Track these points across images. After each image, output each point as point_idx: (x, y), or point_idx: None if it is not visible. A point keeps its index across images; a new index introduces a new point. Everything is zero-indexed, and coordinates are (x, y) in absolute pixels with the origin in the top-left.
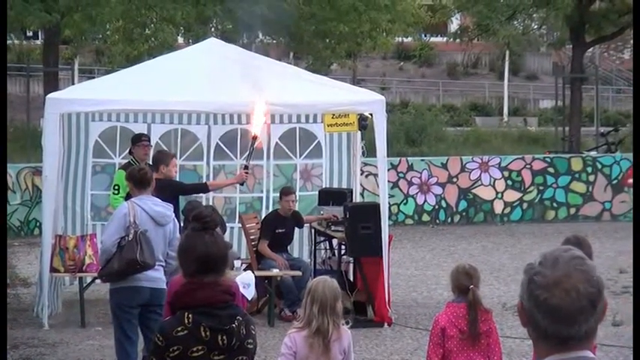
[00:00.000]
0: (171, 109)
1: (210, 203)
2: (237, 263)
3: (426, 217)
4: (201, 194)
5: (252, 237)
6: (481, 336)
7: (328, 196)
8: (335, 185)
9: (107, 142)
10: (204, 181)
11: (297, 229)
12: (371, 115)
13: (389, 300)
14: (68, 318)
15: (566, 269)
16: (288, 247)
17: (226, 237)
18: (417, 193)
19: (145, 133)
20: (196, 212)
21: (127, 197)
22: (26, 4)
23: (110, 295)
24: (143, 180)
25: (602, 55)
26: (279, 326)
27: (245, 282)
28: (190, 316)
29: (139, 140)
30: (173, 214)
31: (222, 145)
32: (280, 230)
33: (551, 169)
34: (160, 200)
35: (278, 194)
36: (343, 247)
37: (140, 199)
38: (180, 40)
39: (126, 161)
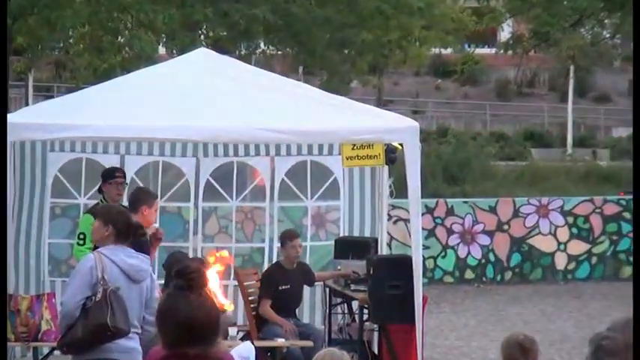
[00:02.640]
0: (150, 137)
1: (199, 255)
2: (232, 331)
3: (469, 274)
4: (187, 244)
5: (251, 297)
6: None
7: (347, 247)
8: (355, 233)
9: (70, 177)
10: (189, 226)
11: (307, 288)
12: (401, 145)
13: None
14: None
15: None
16: (297, 311)
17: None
18: (458, 244)
19: (119, 167)
20: (181, 267)
21: (95, 248)
22: None
23: None
24: (127, 229)
25: None
26: None
27: (243, 355)
28: None
29: (111, 176)
30: (151, 269)
31: (213, 182)
32: (284, 287)
33: (626, 214)
34: (134, 251)
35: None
36: (366, 311)
37: (110, 249)
38: (162, 50)
39: (94, 202)
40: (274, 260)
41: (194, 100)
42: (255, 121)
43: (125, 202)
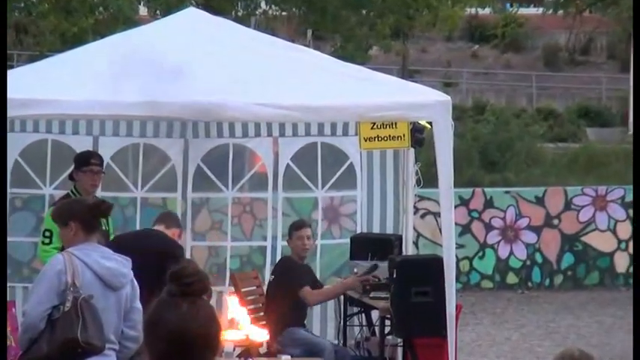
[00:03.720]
0: (128, 115)
1: (188, 256)
2: (228, 345)
3: (512, 278)
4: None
5: (251, 306)
6: None
7: (365, 246)
8: (375, 230)
9: (33, 163)
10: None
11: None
12: (430, 124)
13: None
14: None
15: None
16: (305, 320)
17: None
18: (498, 242)
19: (95, 151)
20: (177, 269)
21: (64, 247)
22: None
23: None
24: (94, 221)
25: None
26: None
27: None
28: None
29: (86, 162)
30: (132, 273)
31: (205, 168)
32: None
33: None
34: (111, 251)
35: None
36: (387, 322)
37: (82, 250)
38: (143, 11)
39: (62, 193)
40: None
41: (182, 70)
42: (255, 96)
43: (100, 195)
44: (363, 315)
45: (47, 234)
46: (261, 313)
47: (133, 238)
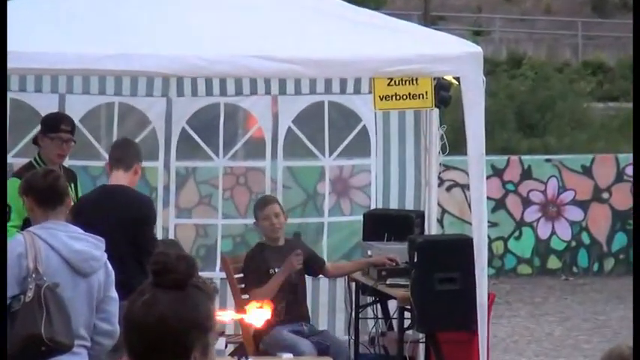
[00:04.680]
0: (101, 69)
1: (171, 236)
2: (219, 342)
3: (554, 262)
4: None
5: (245, 296)
6: None
7: (381, 225)
8: (393, 205)
9: None
10: (157, 195)
11: (324, 281)
12: (457, 80)
13: None
14: None
15: None
16: (309, 312)
17: None
18: (538, 220)
19: (65, 114)
20: (156, 254)
21: (25, 225)
22: None
23: None
24: (53, 191)
25: None
26: None
27: None
28: None
29: (55, 128)
30: (105, 256)
31: (191, 132)
32: (276, 270)
33: None
34: (81, 230)
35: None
36: (407, 314)
37: (46, 229)
38: None
39: (24, 162)
40: None
41: (164, 17)
42: (251, 46)
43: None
44: (379, 306)
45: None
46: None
47: (93, 205)
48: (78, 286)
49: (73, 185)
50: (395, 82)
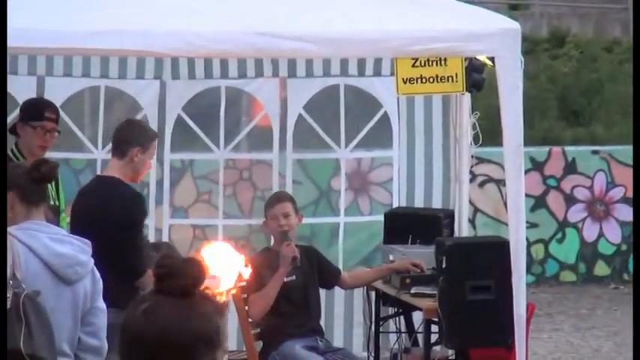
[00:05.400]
0: (85, 48)
1: (165, 238)
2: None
3: (602, 269)
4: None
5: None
6: None
7: (405, 226)
8: (418, 203)
9: None
10: (149, 191)
11: (338, 291)
12: (491, 60)
13: None
14: None
15: None
16: (321, 324)
17: None
18: (584, 220)
19: (48, 100)
20: (161, 257)
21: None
22: None
23: None
24: (41, 182)
25: None
26: None
27: None
28: None
29: (38, 116)
30: (92, 261)
31: (188, 120)
32: (287, 278)
33: None
34: (65, 232)
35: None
36: (435, 327)
37: (26, 230)
38: None
39: None
40: None
41: None
42: (256, 22)
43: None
44: (402, 318)
45: None
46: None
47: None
48: (61, 294)
49: (53, 181)
50: (420, 62)
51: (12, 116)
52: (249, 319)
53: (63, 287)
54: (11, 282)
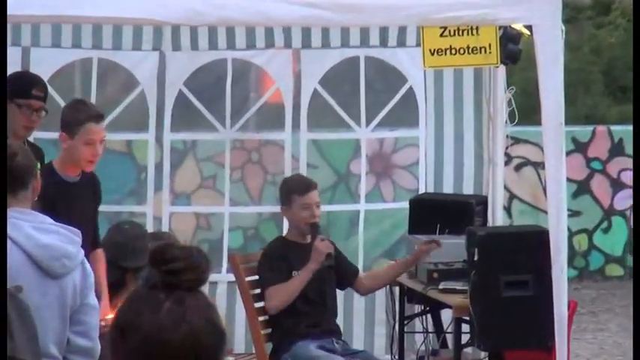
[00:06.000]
0: (76, 16)
1: (165, 227)
2: None
3: None
4: (142, 207)
5: (259, 304)
6: None
7: (432, 214)
8: (447, 189)
9: None
10: (147, 176)
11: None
12: (529, 29)
13: None
14: None
15: None
16: (340, 325)
17: None
18: (632, 207)
19: (33, 73)
20: (158, 249)
21: None
22: None
23: None
24: (9, 172)
25: None
26: None
27: None
28: None
29: (24, 93)
30: (82, 253)
31: (190, 96)
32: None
33: None
34: (51, 220)
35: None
36: (466, 327)
37: (8, 219)
38: None
39: None
40: None
41: None
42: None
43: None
44: (429, 317)
45: None
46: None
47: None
48: (47, 290)
49: (39, 164)
50: (450, 32)
51: None
52: (264, 314)
53: (49, 282)
54: None
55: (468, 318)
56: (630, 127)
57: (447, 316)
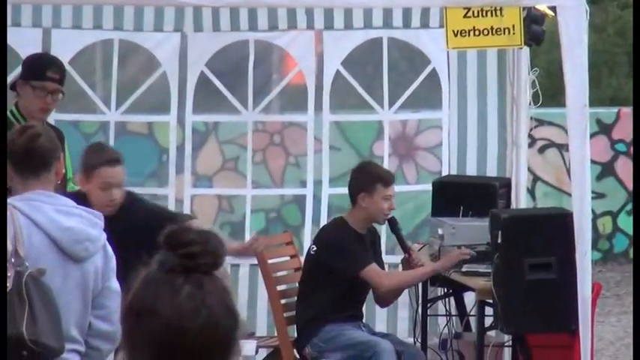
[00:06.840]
0: None
1: (187, 210)
2: (248, 346)
3: None
4: (164, 190)
5: (282, 287)
6: None
7: (455, 196)
8: (470, 171)
9: None
10: (169, 158)
11: None
12: (553, 10)
13: None
14: None
15: None
16: (363, 309)
17: None
18: None
19: (51, 55)
20: (174, 231)
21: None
22: None
23: None
24: (31, 154)
25: None
26: None
27: None
28: None
29: (39, 74)
30: (104, 236)
31: (212, 77)
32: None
33: None
34: (73, 203)
35: (347, 187)
36: (489, 310)
37: (28, 200)
38: None
39: None
40: (324, 217)
41: None
42: None
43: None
44: (452, 300)
45: None
46: (295, 299)
47: None
48: (69, 273)
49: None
50: (473, 13)
51: (14, 74)
52: (283, 301)
53: (71, 265)
54: (13, 259)
55: (491, 301)
56: None
57: (470, 298)
